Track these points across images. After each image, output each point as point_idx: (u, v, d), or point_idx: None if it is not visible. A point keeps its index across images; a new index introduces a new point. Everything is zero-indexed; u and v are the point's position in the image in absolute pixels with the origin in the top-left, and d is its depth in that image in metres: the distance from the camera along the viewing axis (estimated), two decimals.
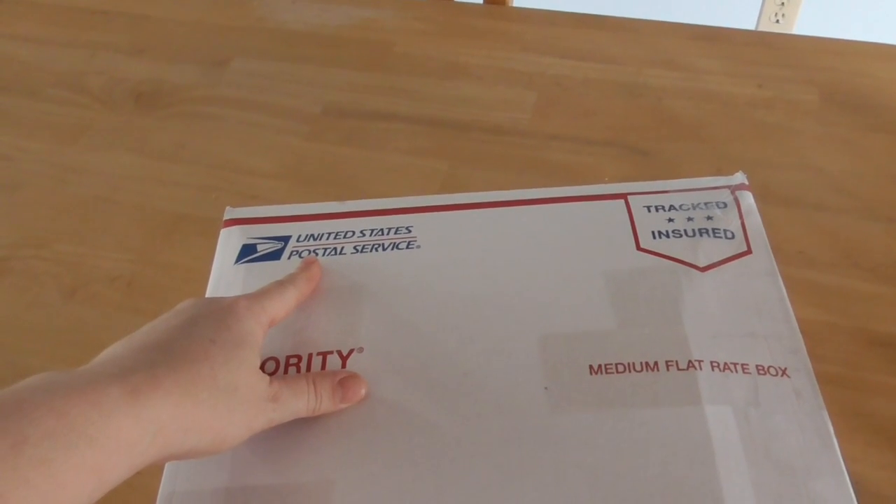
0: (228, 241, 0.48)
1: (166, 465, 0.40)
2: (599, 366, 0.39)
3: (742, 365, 0.39)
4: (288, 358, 0.42)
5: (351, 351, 0.41)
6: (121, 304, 0.59)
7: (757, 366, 0.39)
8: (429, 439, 0.38)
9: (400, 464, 0.37)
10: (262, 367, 0.41)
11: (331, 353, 0.42)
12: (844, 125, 0.65)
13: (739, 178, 0.47)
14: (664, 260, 0.43)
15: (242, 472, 0.38)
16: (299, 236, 0.47)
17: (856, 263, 0.55)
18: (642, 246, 0.44)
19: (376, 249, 0.46)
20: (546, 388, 0.39)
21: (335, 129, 0.70)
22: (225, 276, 0.47)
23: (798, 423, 0.37)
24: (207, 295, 0.47)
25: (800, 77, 0.68)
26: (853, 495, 0.35)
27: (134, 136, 0.71)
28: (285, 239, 0.47)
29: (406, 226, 0.47)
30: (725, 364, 0.39)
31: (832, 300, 0.54)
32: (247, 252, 0.47)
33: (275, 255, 0.47)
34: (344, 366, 0.41)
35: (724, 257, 0.43)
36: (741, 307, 0.41)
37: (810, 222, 0.58)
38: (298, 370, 0.41)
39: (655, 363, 0.39)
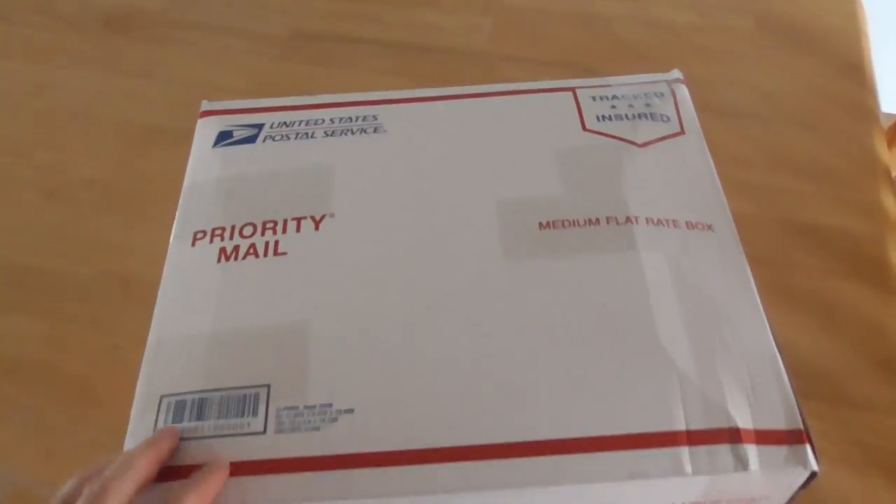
0: (205, 129, 0.52)
1: (155, 314, 0.43)
2: (548, 222, 0.43)
3: (673, 220, 0.43)
4: (265, 223, 0.45)
5: (323, 216, 0.45)
6: (98, 206, 0.62)
7: (686, 221, 0.44)
8: (397, 286, 0.42)
9: (369, 309, 0.41)
10: (240, 232, 0.45)
11: (304, 217, 0.45)
12: (777, 48, 0.70)
13: (676, 74, 0.52)
14: (607, 138, 0.48)
15: (225, 317, 0.42)
16: (272, 123, 0.51)
17: (783, 165, 0.61)
18: (588, 127, 0.48)
19: (345, 134, 0.50)
20: (501, 241, 0.43)
21: (303, 51, 0.73)
22: (202, 161, 0.50)
23: (721, 265, 0.42)
24: (185, 180, 0.50)
25: (737, 6, 0.74)
26: (764, 318, 0.40)
27: (106, 57, 0.74)
28: (259, 126, 0.51)
29: (373, 115, 0.51)
30: (659, 219, 0.43)
31: (761, 196, 0.59)
32: (223, 137, 0.51)
33: (250, 140, 0.50)
34: (317, 229, 0.45)
35: (660, 136, 0.48)
36: (674, 176, 0.46)
37: (744, 131, 0.64)
38: (274, 233, 0.45)
39: (597, 219, 0.43)
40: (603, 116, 0.49)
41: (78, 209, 0.61)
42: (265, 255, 0.44)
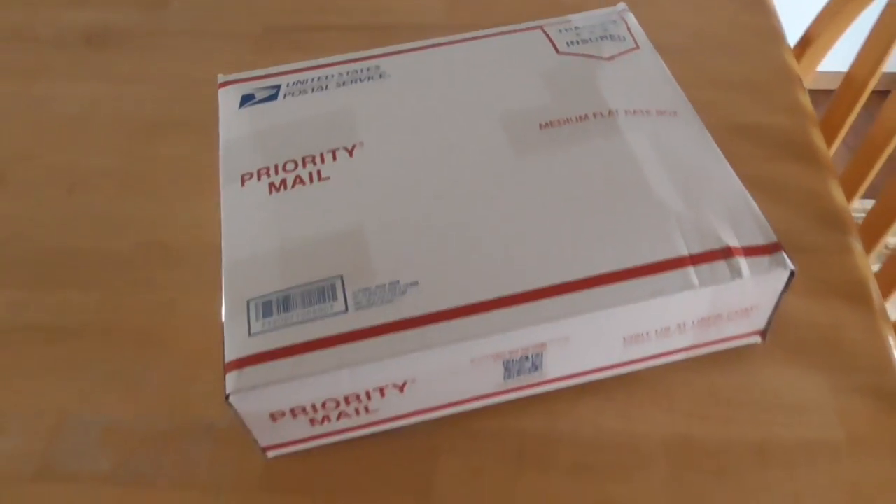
0: (228, 96, 0.58)
1: (223, 245, 0.50)
2: (547, 122, 0.52)
3: (646, 110, 0.53)
4: (304, 158, 0.53)
5: (354, 145, 0.53)
6: (119, 192, 0.67)
7: (656, 110, 0.53)
8: (430, 186, 0.50)
9: (410, 205, 0.49)
10: (283, 168, 0.52)
11: (338, 149, 0.53)
12: None
13: (622, 6, 0.62)
14: (579, 57, 0.57)
15: (288, 233, 0.49)
16: (288, 83, 0.58)
17: (714, 82, 0.72)
18: (561, 51, 0.58)
19: (355, 82, 0.58)
20: (510, 143, 0.52)
21: (279, 42, 0.81)
22: (232, 121, 0.57)
23: (690, 138, 0.52)
24: (220, 139, 0.57)
25: None
26: (731, 170, 0.50)
27: (94, 69, 0.79)
28: (277, 86, 0.58)
29: (375, 65, 0.59)
30: (635, 110, 0.53)
31: (704, 108, 0.68)
32: (247, 99, 0.58)
33: (272, 98, 0.57)
34: (351, 156, 0.52)
35: (621, 51, 0.57)
36: (639, 79, 0.56)
37: (677, 60, 0.73)
38: (315, 164, 0.52)
39: (585, 115, 0.52)
40: (571, 42, 0.58)
41: (99, 196, 0.66)
42: (311, 182, 0.51)
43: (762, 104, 0.69)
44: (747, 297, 0.47)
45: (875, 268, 0.75)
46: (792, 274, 0.46)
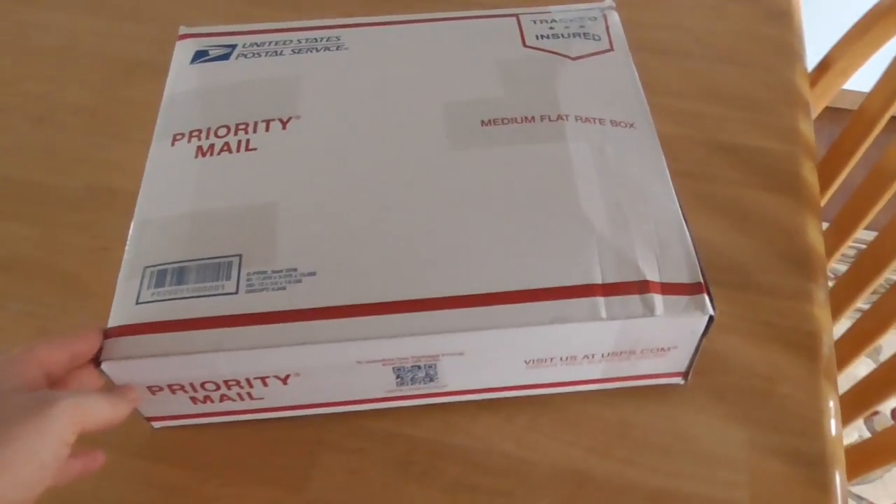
0: (182, 50, 0.57)
1: (138, 202, 0.49)
2: (490, 120, 0.49)
3: (599, 119, 0.49)
4: (237, 125, 0.51)
5: (290, 118, 0.51)
6: (85, 129, 0.67)
7: (611, 120, 0.50)
8: (355, 172, 0.48)
9: (329, 191, 0.47)
10: (215, 133, 0.50)
11: (273, 119, 0.51)
12: None
13: (609, 3, 0.58)
14: (544, 52, 0.53)
15: (202, 200, 0.47)
16: (245, 44, 0.56)
17: (711, 95, 0.67)
18: (527, 44, 0.54)
19: (311, 52, 0.55)
20: (448, 135, 0.49)
21: None
22: (180, 76, 0.55)
23: (640, 154, 0.48)
24: (165, 92, 0.55)
25: None
26: (674, 194, 0.46)
27: (89, 1, 0.78)
28: (233, 46, 0.56)
29: (336, 35, 0.56)
30: (587, 118, 0.49)
31: (690, 120, 0.65)
32: (199, 56, 0.56)
33: (224, 57, 0.56)
34: (284, 128, 0.50)
35: (591, 52, 0.54)
36: (602, 84, 0.52)
37: (678, 67, 0.70)
38: (246, 132, 0.50)
39: (532, 117, 0.49)
40: (541, 36, 0.55)
41: (66, 131, 0.66)
42: (238, 150, 0.50)
43: (756, 125, 0.65)
44: (661, 337, 0.44)
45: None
46: (711, 319, 0.43)
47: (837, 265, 1.31)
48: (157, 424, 0.48)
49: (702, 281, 0.43)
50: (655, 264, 0.43)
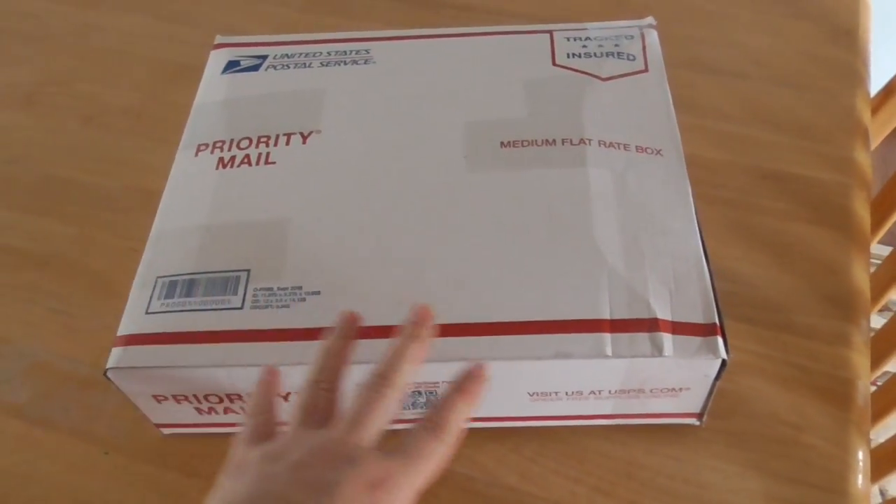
0: (217, 59, 0.57)
1: (158, 210, 0.49)
2: (510, 141, 0.48)
3: (624, 144, 0.47)
4: (259, 137, 0.51)
5: (311, 132, 0.51)
6: (129, 131, 0.68)
7: (637, 146, 0.48)
8: (370, 191, 0.47)
9: (343, 209, 0.47)
10: (237, 145, 0.50)
11: (294, 133, 0.51)
12: (772, 13, 0.73)
13: (649, 20, 0.56)
14: (573, 72, 0.52)
15: (217, 213, 0.48)
16: (275, 55, 0.57)
17: (762, 119, 0.64)
18: (557, 62, 0.52)
19: (339, 64, 0.55)
20: (466, 156, 0.48)
21: (326, 3, 0.79)
22: (211, 85, 0.56)
23: (663, 183, 0.46)
24: (195, 100, 0.56)
25: None
26: (696, 228, 0.44)
27: (149, 4, 0.81)
28: (264, 56, 0.57)
29: (365, 49, 0.56)
30: (611, 142, 0.47)
31: (736, 145, 0.62)
32: (231, 66, 0.56)
33: (254, 68, 0.56)
34: (304, 143, 0.50)
35: (624, 73, 0.52)
36: (631, 107, 0.50)
37: (729, 87, 0.67)
38: (267, 145, 0.50)
39: (554, 140, 0.48)
40: (573, 54, 0.53)
41: (111, 132, 0.68)
42: (257, 164, 0.50)
43: (807, 153, 0.61)
44: (671, 378, 0.42)
45: None
46: (723, 363, 0.40)
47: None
48: (165, 431, 0.48)
49: (717, 322, 0.41)
50: (668, 302, 0.41)
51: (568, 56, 0.53)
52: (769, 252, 0.55)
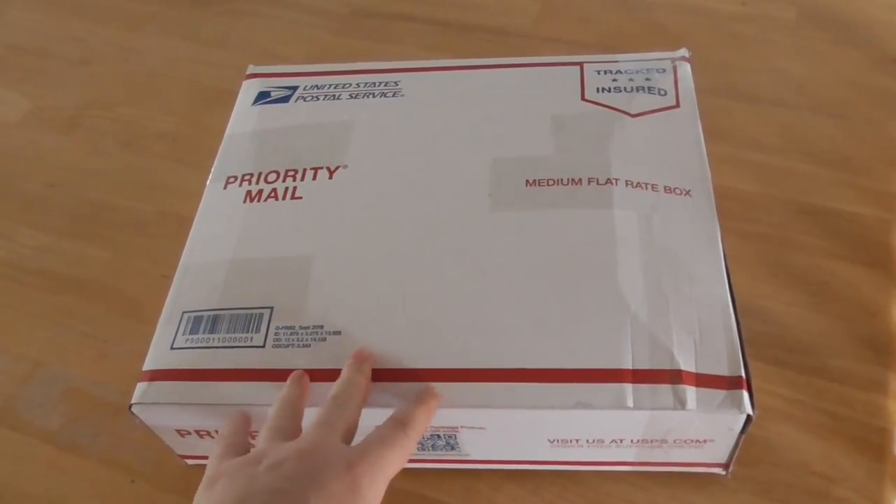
0: (248, 90, 0.58)
1: (187, 243, 0.50)
2: (535, 180, 0.47)
3: (652, 185, 0.47)
4: (287, 171, 0.51)
5: (338, 167, 0.51)
6: (166, 155, 0.70)
7: (665, 186, 0.47)
8: (394, 230, 0.47)
9: (367, 248, 0.47)
10: (265, 178, 0.51)
11: (321, 168, 0.51)
12: (815, 39, 0.71)
13: (682, 52, 0.55)
14: (602, 108, 0.51)
15: (243, 248, 0.48)
16: (306, 86, 0.57)
17: (801, 150, 0.62)
18: (586, 97, 0.52)
19: (368, 97, 0.55)
20: (490, 194, 0.47)
21: (361, 27, 0.79)
22: (242, 116, 0.57)
23: (692, 226, 0.45)
24: (226, 131, 0.56)
25: None
26: (724, 275, 0.43)
27: (188, 28, 0.82)
28: (294, 88, 0.57)
29: (395, 80, 0.56)
30: (638, 183, 0.47)
31: (773, 177, 0.61)
32: (262, 97, 0.57)
33: (284, 100, 0.56)
34: (331, 178, 0.50)
35: (654, 108, 0.51)
36: (661, 144, 0.49)
37: (768, 116, 0.65)
38: (294, 180, 0.51)
39: (580, 179, 0.47)
40: (602, 88, 0.52)
41: (148, 157, 0.69)
42: (284, 198, 0.50)
43: (847, 186, 0.59)
44: (694, 430, 0.41)
45: None
46: (748, 418, 0.39)
47: None
48: (190, 462, 0.49)
49: (742, 375, 0.40)
50: (692, 352, 0.40)
51: (597, 91, 0.52)
52: (803, 290, 0.54)
